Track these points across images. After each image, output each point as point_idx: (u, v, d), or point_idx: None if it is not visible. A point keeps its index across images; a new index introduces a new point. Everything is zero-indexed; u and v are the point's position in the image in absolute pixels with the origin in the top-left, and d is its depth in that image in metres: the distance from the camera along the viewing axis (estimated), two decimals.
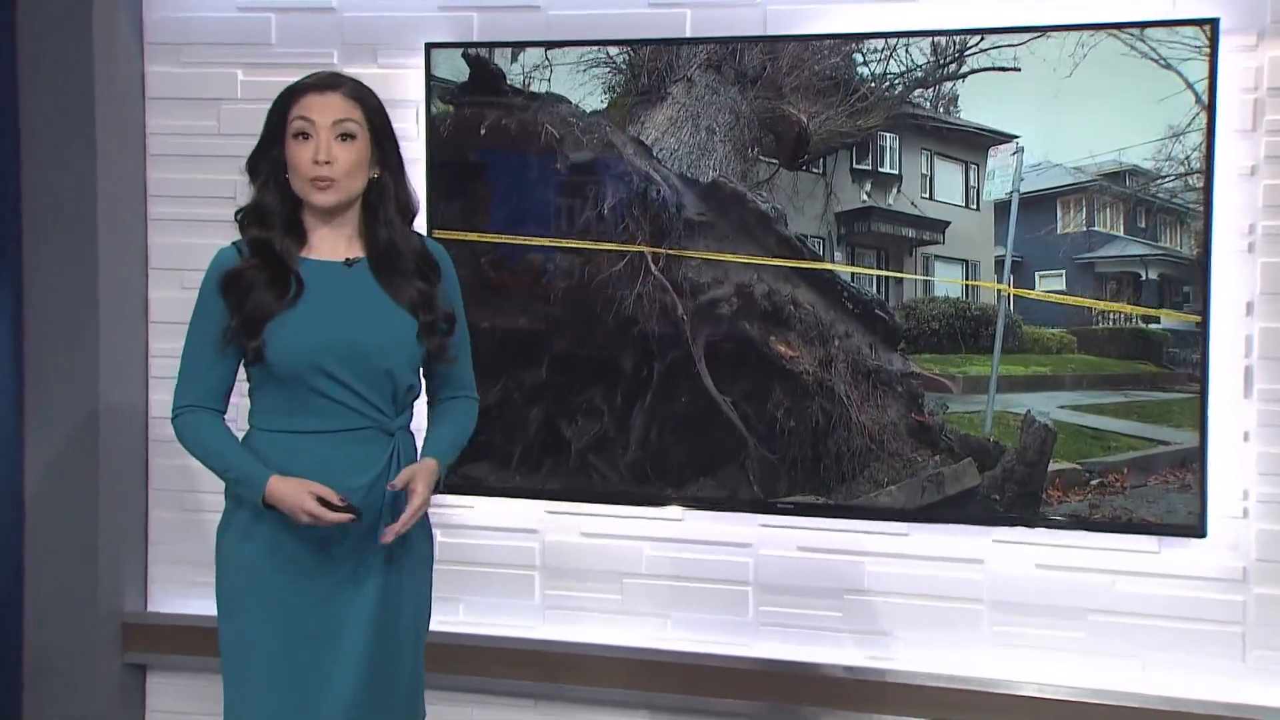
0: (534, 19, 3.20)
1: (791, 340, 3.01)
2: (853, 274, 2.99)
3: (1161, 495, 2.85)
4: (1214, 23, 2.78)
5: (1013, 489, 2.93)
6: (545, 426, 3.16)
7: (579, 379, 3.14)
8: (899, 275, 2.98)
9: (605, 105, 3.09)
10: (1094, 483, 2.90)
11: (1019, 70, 2.89)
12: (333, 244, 2.30)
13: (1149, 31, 2.82)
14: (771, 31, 3.06)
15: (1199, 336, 2.83)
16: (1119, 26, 2.82)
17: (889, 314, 2.98)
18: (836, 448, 3.02)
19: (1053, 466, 2.92)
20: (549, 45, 3.13)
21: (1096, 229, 2.90)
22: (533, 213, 3.14)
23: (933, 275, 2.96)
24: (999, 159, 2.91)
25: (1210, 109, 2.78)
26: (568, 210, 3.11)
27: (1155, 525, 2.87)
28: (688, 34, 3.11)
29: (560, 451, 3.16)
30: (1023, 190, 2.91)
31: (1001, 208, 2.93)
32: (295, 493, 2.18)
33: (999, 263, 2.94)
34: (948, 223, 2.98)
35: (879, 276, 2.99)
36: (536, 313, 3.14)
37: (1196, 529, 2.84)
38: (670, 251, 3.05)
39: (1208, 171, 2.79)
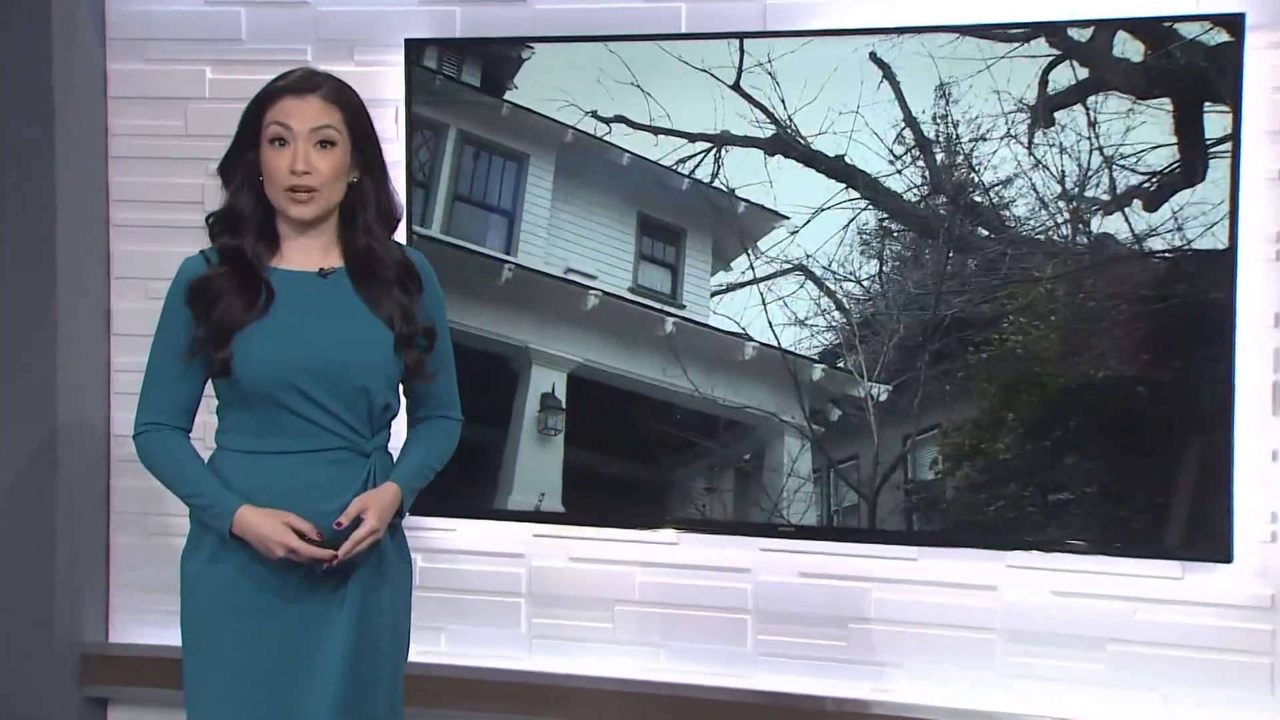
0: (520, 13, 3.17)
1: None
2: None
3: None
4: (1240, 17, 2.73)
5: None
6: None
7: None
8: None
9: None
10: None
11: None
12: (307, 253, 2.26)
13: None
14: (772, 26, 3.04)
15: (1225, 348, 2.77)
16: (1142, 21, 2.79)
17: None
18: None
19: None
20: (536, 41, 3.11)
21: None
22: None
23: None
24: None
25: (1235, 109, 2.73)
26: None
27: (1179, 550, 2.83)
28: (683, 29, 3.10)
29: None
30: None
31: None
32: (270, 525, 2.14)
33: None
34: None
35: None
36: None
37: (1222, 554, 2.79)
38: None
39: (1233, 175, 2.74)
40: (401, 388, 2.33)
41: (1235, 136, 2.73)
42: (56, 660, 3.35)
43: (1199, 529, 2.79)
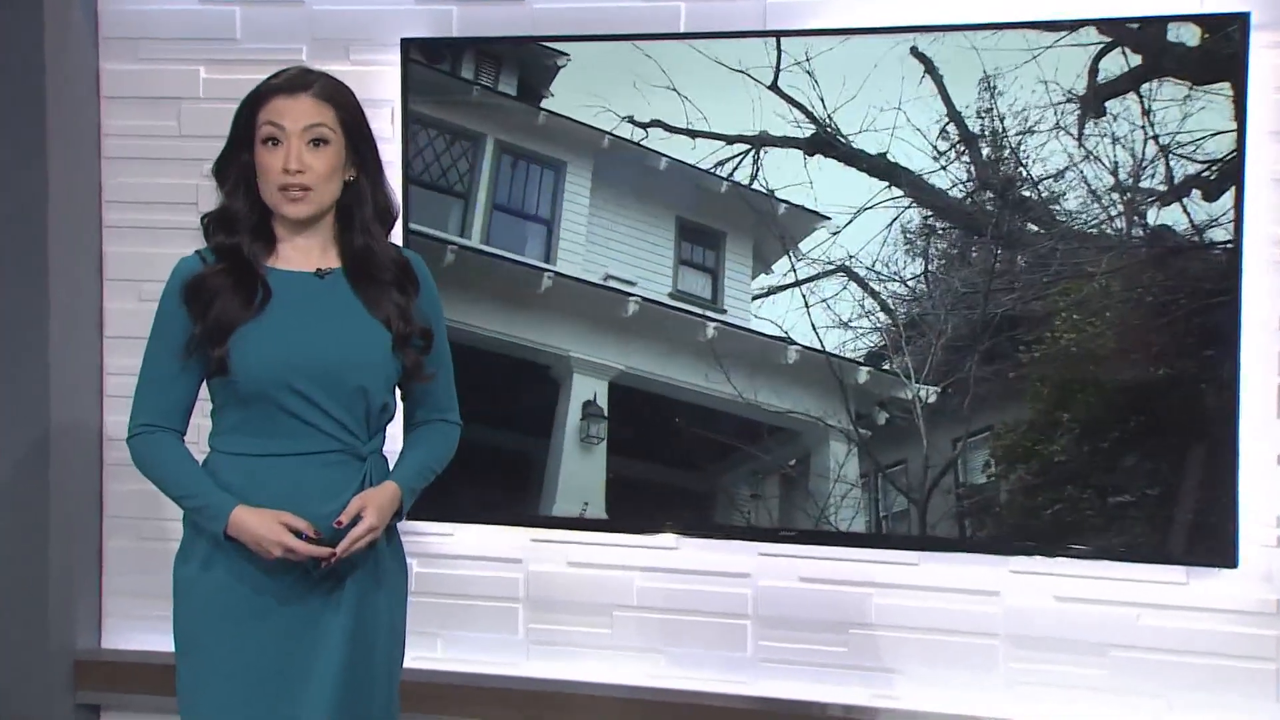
0: (518, 13, 3.17)
1: None
2: None
3: None
4: (1244, 17, 2.71)
5: None
6: None
7: None
8: None
9: None
10: None
11: None
12: (304, 253, 2.25)
13: None
14: (772, 26, 3.03)
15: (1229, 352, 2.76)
16: (1146, 21, 2.77)
17: None
18: None
19: None
20: (533, 41, 3.11)
21: None
22: None
23: None
24: None
25: (1240, 109, 2.72)
26: None
27: (1183, 555, 2.82)
28: (682, 29, 3.09)
29: None
30: None
31: None
32: (266, 524, 2.12)
33: None
34: None
35: None
36: None
37: (1227, 558, 2.78)
38: None
39: (1238, 177, 2.73)
40: (400, 392, 2.32)
41: (1240, 137, 2.71)
42: (49, 667, 3.34)
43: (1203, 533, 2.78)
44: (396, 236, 3.01)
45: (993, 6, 2.89)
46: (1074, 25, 2.78)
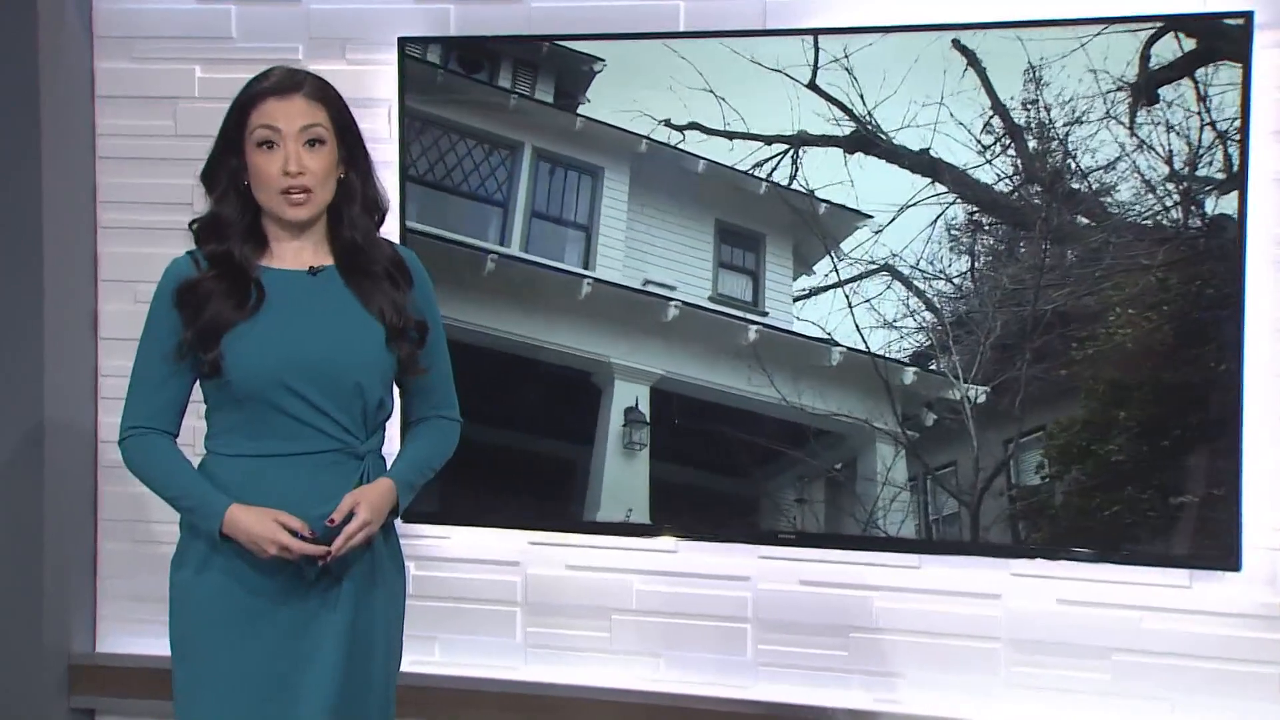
0: (516, 11, 3.16)
1: None
2: None
3: None
4: (1248, 16, 2.70)
5: None
6: None
7: None
8: None
9: None
10: None
11: None
12: (297, 252, 2.25)
13: None
14: (772, 25, 3.02)
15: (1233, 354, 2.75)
16: (1149, 19, 2.76)
17: None
18: None
19: None
20: (532, 40, 3.10)
21: None
22: None
23: None
24: None
25: (1244, 110, 2.71)
26: None
27: (1186, 558, 2.81)
28: (682, 28, 3.08)
29: None
30: None
31: None
32: (261, 522, 2.12)
33: None
34: None
35: None
36: None
37: (1230, 561, 2.77)
38: None
39: (1242, 178, 2.72)
40: (397, 389, 2.32)
41: (1244, 138, 2.70)
42: (43, 670, 3.33)
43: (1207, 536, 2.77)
44: (394, 235, 3.02)
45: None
46: (1068, 25, 2.76)
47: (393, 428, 2.35)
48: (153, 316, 2.21)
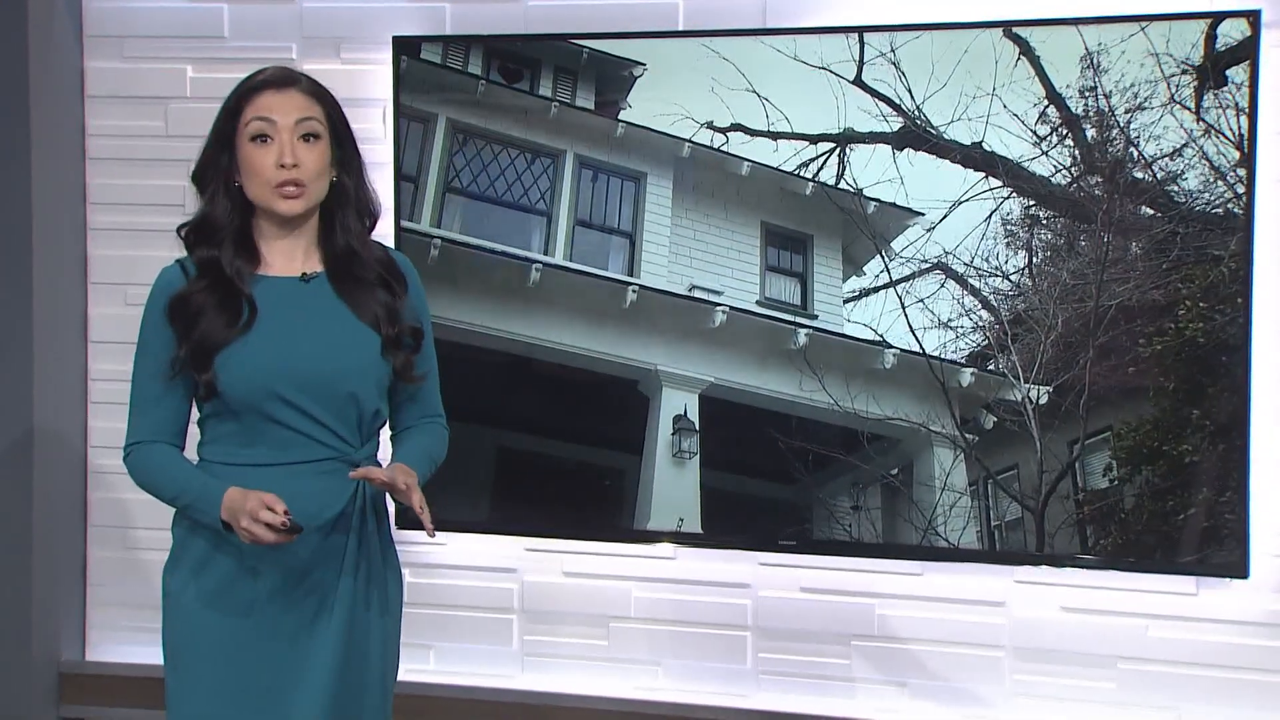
0: (512, 10, 3.17)
1: None
2: None
3: None
4: (1255, 15, 2.70)
5: None
6: None
7: None
8: None
9: None
10: None
11: None
12: (288, 257, 2.23)
13: None
14: (771, 24, 3.04)
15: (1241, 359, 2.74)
16: (1157, 19, 2.75)
17: None
18: None
19: None
20: (528, 39, 3.12)
21: None
22: None
23: None
24: None
25: (1252, 109, 2.70)
26: None
27: (1193, 565, 2.81)
28: (680, 27, 3.09)
29: None
30: None
31: None
32: (247, 498, 2.09)
33: None
34: None
35: None
36: None
37: (1238, 569, 2.78)
38: None
39: (1249, 178, 2.72)
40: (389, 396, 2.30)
41: (1251, 138, 2.69)
42: (33, 679, 3.34)
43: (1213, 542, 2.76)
44: (389, 237, 2.99)
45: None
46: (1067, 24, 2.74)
47: (382, 434, 2.32)
48: (145, 331, 2.20)
